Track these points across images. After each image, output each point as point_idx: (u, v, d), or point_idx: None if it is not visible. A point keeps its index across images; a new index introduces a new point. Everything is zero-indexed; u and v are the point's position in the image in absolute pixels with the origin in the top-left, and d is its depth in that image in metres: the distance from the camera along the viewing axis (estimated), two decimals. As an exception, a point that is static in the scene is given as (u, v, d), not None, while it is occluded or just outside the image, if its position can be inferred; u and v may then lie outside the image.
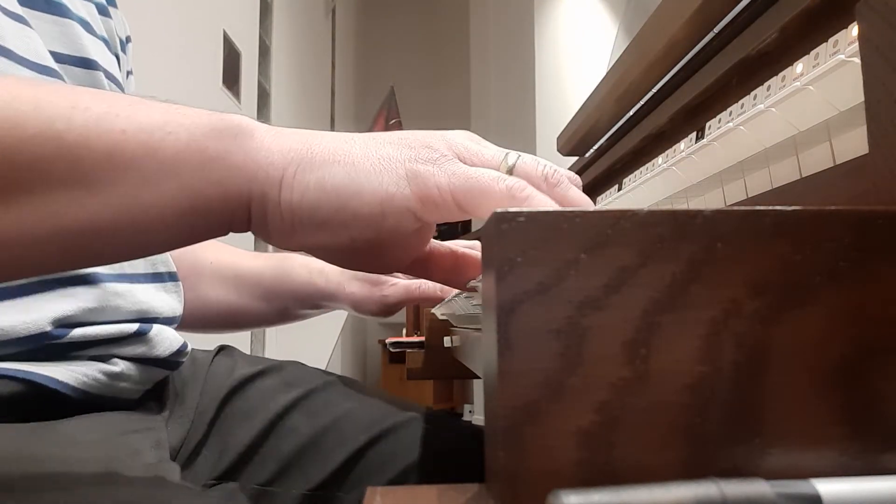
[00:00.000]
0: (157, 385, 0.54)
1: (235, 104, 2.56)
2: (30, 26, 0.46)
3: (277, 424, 0.57)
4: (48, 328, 0.41)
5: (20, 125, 0.27)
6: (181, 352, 0.54)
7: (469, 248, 0.42)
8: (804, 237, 0.20)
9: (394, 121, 3.89)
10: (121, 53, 0.61)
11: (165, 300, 0.54)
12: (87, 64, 0.51)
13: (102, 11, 0.57)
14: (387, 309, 0.68)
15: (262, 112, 2.96)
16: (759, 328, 0.20)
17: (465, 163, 0.32)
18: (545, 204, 0.32)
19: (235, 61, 2.58)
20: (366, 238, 0.31)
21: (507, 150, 0.34)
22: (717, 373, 0.20)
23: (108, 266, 0.47)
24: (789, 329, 0.20)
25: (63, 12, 0.50)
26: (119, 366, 0.47)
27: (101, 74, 0.52)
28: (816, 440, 0.20)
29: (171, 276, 0.56)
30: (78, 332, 0.44)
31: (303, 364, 0.67)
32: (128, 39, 0.65)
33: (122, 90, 0.57)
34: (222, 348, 0.67)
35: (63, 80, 0.48)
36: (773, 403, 0.20)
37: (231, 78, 2.53)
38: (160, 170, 0.28)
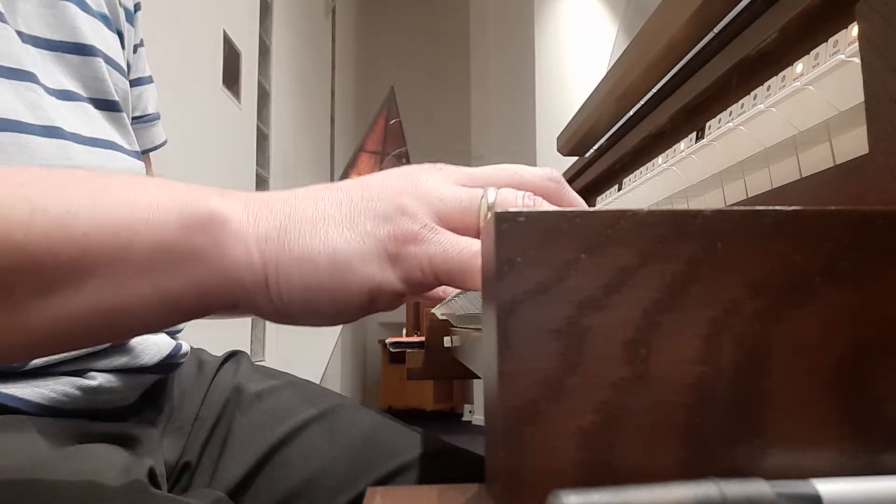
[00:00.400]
0: (153, 388, 0.51)
1: (235, 104, 2.56)
2: (5, 21, 0.43)
3: (273, 458, 0.54)
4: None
5: None
6: (173, 356, 0.51)
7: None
8: (804, 237, 0.20)
9: (394, 121, 3.89)
10: (126, 25, 0.58)
11: None
12: (82, 50, 0.48)
13: None
14: None
15: (262, 112, 2.96)
16: (759, 328, 0.20)
17: (444, 223, 0.31)
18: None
19: (235, 61, 2.58)
20: (358, 317, 0.31)
21: (483, 189, 0.32)
22: (717, 373, 0.20)
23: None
24: (789, 329, 0.20)
25: None
26: (97, 379, 0.44)
27: (100, 60, 0.50)
28: (816, 440, 0.20)
29: None
30: (41, 359, 0.41)
31: (310, 382, 0.64)
32: (136, 7, 0.61)
33: (125, 73, 0.55)
34: (232, 354, 0.64)
35: (47, 66, 0.45)
36: (773, 403, 0.20)
37: (231, 78, 2.53)
38: (130, 271, 0.27)
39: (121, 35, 0.56)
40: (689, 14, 0.51)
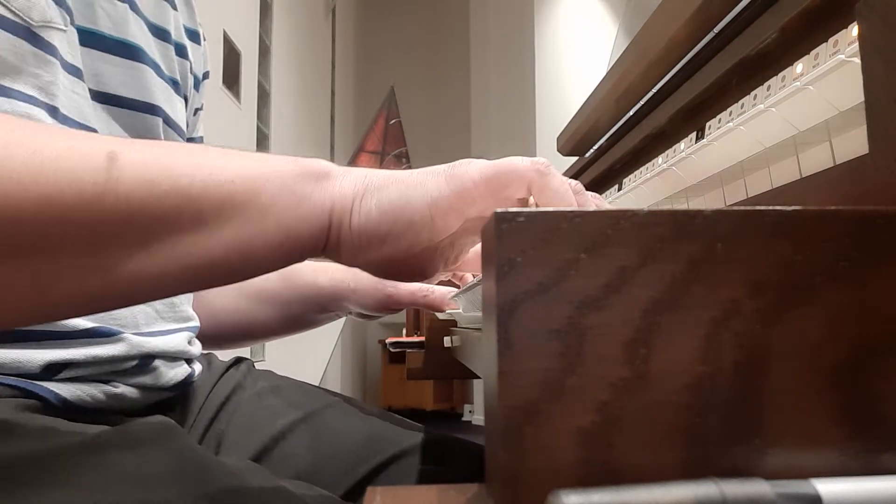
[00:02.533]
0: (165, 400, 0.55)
1: (235, 104, 2.56)
2: (82, 80, 0.47)
3: (274, 448, 0.56)
4: (36, 370, 0.42)
5: (156, 184, 0.32)
6: (190, 376, 0.55)
7: None
8: (804, 237, 0.20)
9: (394, 121, 3.89)
10: (192, 92, 0.63)
11: (171, 341, 0.53)
12: (149, 109, 0.52)
13: (181, 53, 0.59)
14: (392, 303, 0.68)
15: (262, 112, 2.96)
16: (759, 328, 0.20)
17: None
18: (565, 185, 0.36)
19: (235, 61, 2.58)
20: (420, 243, 0.36)
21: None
22: (718, 373, 0.20)
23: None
24: (789, 329, 0.20)
25: (136, 56, 0.51)
26: (119, 388, 0.47)
27: (160, 120, 0.53)
28: (816, 440, 0.20)
29: (180, 318, 0.55)
30: (67, 373, 0.44)
31: (306, 384, 0.67)
32: (205, 76, 0.67)
33: (181, 134, 0.58)
34: (239, 359, 0.68)
35: (109, 123, 0.49)
36: (773, 403, 0.20)
37: (231, 78, 2.52)
38: (262, 211, 0.34)
39: (186, 100, 0.61)
40: (689, 14, 0.51)
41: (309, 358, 3.50)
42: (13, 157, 0.30)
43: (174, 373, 0.53)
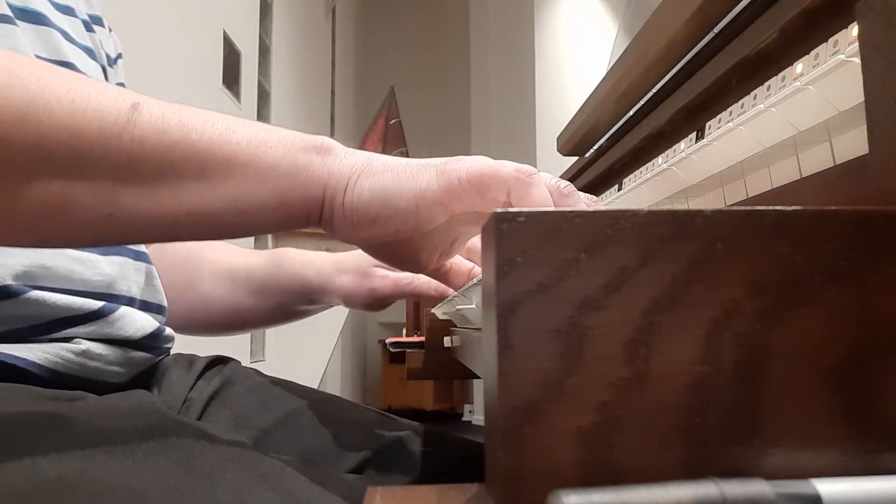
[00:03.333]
0: (144, 374, 0.55)
1: (235, 104, 2.56)
2: (15, 24, 0.48)
3: (263, 440, 0.56)
4: (9, 282, 0.44)
5: (168, 134, 0.35)
6: (157, 336, 0.54)
7: None
8: (804, 237, 0.20)
9: (394, 121, 3.89)
10: (108, 67, 0.63)
11: (134, 279, 0.54)
12: (67, 67, 0.52)
13: (87, 27, 0.60)
14: (376, 301, 0.68)
15: (262, 112, 2.96)
16: (759, 328, 0.20)
17: None
18: (547, 197, 0.37)
19: (235, 61, 2.58)
20: (407, 230, 0.38)
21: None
22: (717, 373, 0.20)
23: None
24: (789, 329, 0.20)
25: (42, 21, 0.52)
26: (83, 344, 0.47)
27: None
28: (816, 440, 0.20)
29: (140, 256, 0.56)
30: (36, 294, 0.46)
31: (293, 382, 0.67)
32: (118, 56, 0.67)
33: None
34: (221, 358, 0.67)
35: None
36: (773, 403, 0.20)
37: (231, 78, 2.52)
38: (261, 173, 0.36)
39: (104, 70, 0.62)
40: (689, 14, 0.51)
41: (309, 357, 3.50)
42: (52, 90, 0.34)
43: (140, 322, 0.52)
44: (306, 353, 3.41)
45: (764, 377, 0.20)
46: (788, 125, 0.39)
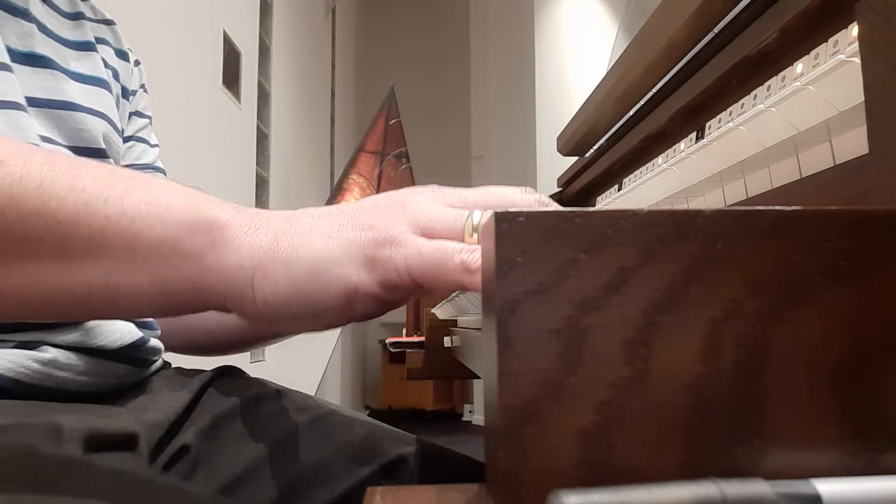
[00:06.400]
0: (126, 389, 0.51)
1: (235, 104, 2.56)
2: (10, 71, 0.46)
3: (272, 452, 0.53)
4: None
5: (21, 201, 0.30)
6: (139, 347, 0.50)
7: None
8: (804, 237, 0.20)
9: (394, 121, 3.89)
10: (124, 101, 0.63)
11: None
12: (68, 106, 0.51)
13: (115, 77, 0.60)
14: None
15: (262, 112, 2.95)
16: (759, 328, 0.20)
17: (426, 235, 0.33)
18: None
19: (235, 61, 2.58)
20: (341, 323, 0.33)
21: (471, 210, 0.34)
22: (718, 373, 0.20)
23: None
24: (789, 329, 0.20)
25: (51, 66, 0.51)
26: (49, 353, 0.44)
27: (83, 114, 0.53)
28: (816, 440, 0.20)
29: None
30: None
31: (291, 393, 0.65)
32: (142, 88, 0.67)
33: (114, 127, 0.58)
34: (225, 369, 0.63)
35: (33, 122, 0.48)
36: (773, 403, 0.20)
37: (231, 78, 2.52)
38: (134, 258, 0.31)
39: (120, 95, 0.61)
40: (689, 14, 0.51)
41: (309, 358, 3.50)
42: None
43: (118, 331, 0.48)
44: (306, 354, 3.41)
45: (764, 377, 0.20)
46: (788, 125, 0.39)
